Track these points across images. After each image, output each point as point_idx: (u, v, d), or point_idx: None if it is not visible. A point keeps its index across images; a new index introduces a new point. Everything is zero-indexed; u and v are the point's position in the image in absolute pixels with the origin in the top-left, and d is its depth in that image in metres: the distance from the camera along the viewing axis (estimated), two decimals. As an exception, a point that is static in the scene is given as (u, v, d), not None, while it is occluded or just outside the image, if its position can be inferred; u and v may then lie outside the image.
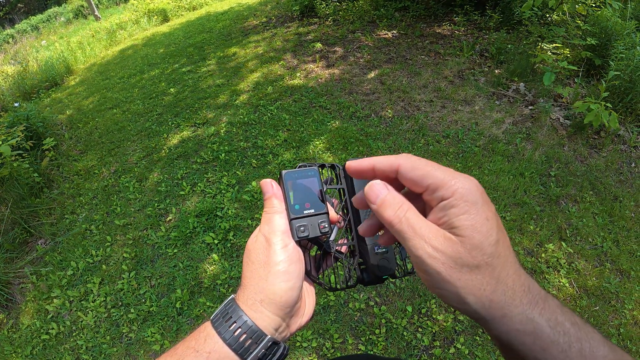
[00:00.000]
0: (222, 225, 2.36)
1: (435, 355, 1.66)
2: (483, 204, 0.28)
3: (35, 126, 3.50)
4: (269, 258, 0.37)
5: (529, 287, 0.28)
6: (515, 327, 0.27)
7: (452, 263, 0.27)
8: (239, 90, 3.98)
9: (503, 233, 0.28)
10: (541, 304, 0.27)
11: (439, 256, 0.27)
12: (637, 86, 2.74)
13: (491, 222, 0.27)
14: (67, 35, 10.67)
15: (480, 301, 0.27)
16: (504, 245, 0.28)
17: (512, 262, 0.28)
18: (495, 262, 0.27)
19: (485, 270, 0.27)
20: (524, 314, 0.27)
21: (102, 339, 1.93)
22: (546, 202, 2.35)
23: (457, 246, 0.27)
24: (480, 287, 0.27)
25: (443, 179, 0.28)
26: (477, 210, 0.27)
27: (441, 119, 3.11)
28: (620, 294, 1.88)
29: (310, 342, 1.75)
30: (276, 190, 0.40)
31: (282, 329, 0.38)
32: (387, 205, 0.31)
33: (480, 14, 4.58)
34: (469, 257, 0.27)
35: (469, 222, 0.27)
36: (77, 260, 2.37)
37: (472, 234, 0.27)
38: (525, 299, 0.27)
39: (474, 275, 0.27)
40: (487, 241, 0.27)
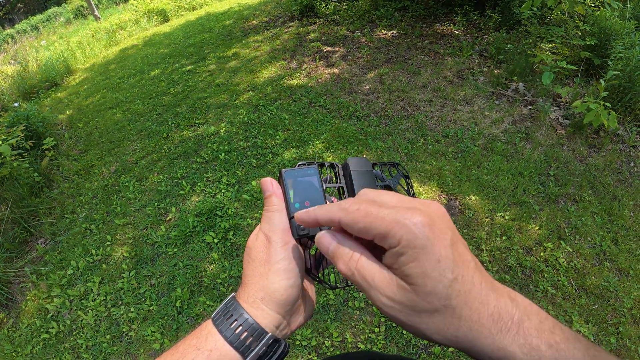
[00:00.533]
0: (222, 224, 2.37)
1: (434, 353, 1.67)
2: (434, 244, 0.26)
3: (35, 126, 3.50)
4: (269, 256, 0.37)
5: (499, 314, 0.27)
6: (487, 355, 0.27)
7: (409, 310, 0.27)
8: (238, 90, 3.98)
9: (463, 264, 0.27)
10: (514, 329, 0.26)
11: (395, 305, 0.27)
12: (636, 86, 2.75)
13: (444, 262, 0.26)
14: (66, 35, 10.68)
15: (446, 338, 0.27)
16: (464, 280, 0.27)
17: (477, 294, 0.27)
18: (454, 303, 0.26)
19: (445, 312, 0.26)
20: (494, 344, 0.26)
21: (102, 338, 1.94)
22: (545, 201, 2.36)
23: (411, 295, 0.27)
24: (443, 327, 0.27)
25: (386, 228, 0.27)
26: (426, 255, 0.26)
27: (440, 118, 3.11)
28: (619, 292, 1.89)
29: (309, 340, 1.75)
30: (276, 189, 0.40)
31: (283, 326, 0.38)
32: (337, 258, 0.30)
33: (479, 14, 4.58)
34: (425, 303, 0.26)
35: (418, 270, 0.26)
36: (77, 260, 2.38)
37: (423, 281, 0.26)
38: (495, 329, 0.26)
39: (433, 318, 0.27)
40: (441, 284, 0.26)
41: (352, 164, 0.43)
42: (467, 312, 0.26)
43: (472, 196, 2.40)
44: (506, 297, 0.28)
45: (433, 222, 0.27)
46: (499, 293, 0.28)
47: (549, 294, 1.89)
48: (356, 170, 0.43)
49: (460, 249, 0.28)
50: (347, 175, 0.43)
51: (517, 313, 0.27)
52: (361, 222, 0.29)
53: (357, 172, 0.43)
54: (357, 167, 0.43)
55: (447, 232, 0.27)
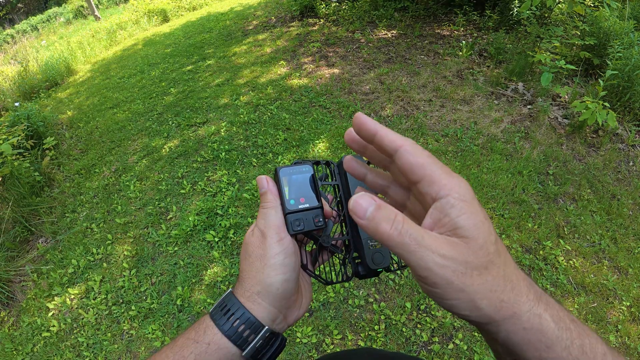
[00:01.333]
0: (222, 223, 2.38)
1: (434, 351, 1.67)
2: (478, 204, 0.27)
3: (36, 125, 3.51)
4: (265, 251, 0.37)
5: (530, 282, 0.27)
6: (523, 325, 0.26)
7: (462, 269, 0.25)
8: (239, 90, 3.99)
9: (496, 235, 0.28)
10: (544, 299, 0.27)
11: (450, 264, 0.25)
12: (635, 85, 2.76)
13: (488, 222, 0.27)
14: (67, 35, 10.69)
15: (492, 304, 0.26)
16: (502, 244, 0.28)
17: (511, 259, 0.28)
18: (499, 260, 0.26)
19: (492, 269, 0.26)
20: (531, 310, 0.26)
21: (103, 336, 1.94)
22: (544, 200, 2.37)
23: (464, 249, 0.26)
24: (491, 289, 0.26)
25: (440, 174, 0.27)
26: (475, 210, 0.26)
27: (440, 118, 3.12)
28: (618, 290, 1.90)
29: (310, 338, 1.76)
30: (271, 186, 0.41)
31: (279, 320, 0.39)
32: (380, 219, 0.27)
33: (479, 14, 4.60)
34: (477, 258, 0.26)
35: (472, 222, 0.26)
36: (78, 259, 2.38)
37: (475, 234, 0.26)
38: (532, 295, 0.27)
39: (484, 277, 0.26)
40: (489, 240, 0.26)
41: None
42: (509, 272, 0.26)
43: (472, 195, 2.40)
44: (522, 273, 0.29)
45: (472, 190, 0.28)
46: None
47: (548, 292, 1.89)
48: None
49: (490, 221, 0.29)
50: (342, 174, 0.44)
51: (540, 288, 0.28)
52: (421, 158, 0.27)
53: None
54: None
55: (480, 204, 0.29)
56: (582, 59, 3.29)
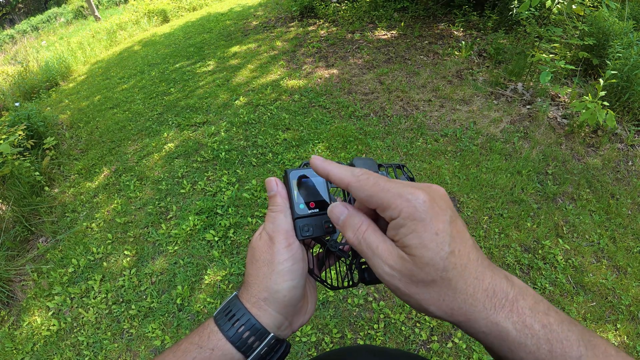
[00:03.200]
0: (222, 222, 2.38)
1: (433, 349, 1.68)
2: (432, 218, 0.27)
3: (36, 125, 3.51)
4: (273, 257, 0.37)
5: (494, 291, 0.28)
6: (481, 329, 0.28)
7: (407, 280, 0.28)
8: (239, 90, 4.00)
9: (462, 241, 0.28)
10: (508, 307, 0.27)
11: (395, 274, 0.29)
12: (634, 85, 2.76)
13: (441, 236, 0.27)
14: (67, 35, 10.70)
15: (441, 309, 0.28)
16: (461, 254, 0.28)
17: (473, 269, 0.28)
18: (450, 275, 0.27)
19: (441, 283, 0.27)
20: (487, 318, 0.27)
21: (103, 335, 1.95)
22: (543, 199, 2.37)
23: (410, 264, 0.28)
24: (439, 299, 0.28)
25: (389, 199, 0.28)
26: (424, 227, 0.27)
27: (440, 118, 3.13)
28: (617, 290, 1.90)
29: (309, 337, 1.77)
30: (280, 189, 0.40)
31: (285, 326, 0.38)
32: (347, 227, 0.32)
33: (478, 15, 4.61)
34: (423, 274, 0.27)
35: (417, 241, 0.27)
36: (78, 258, 2.39)
37: (421, 252, 0.27)
38: (489, 304, 0.27)
39: (430, 290, 0.28)
40: (438, 256, 0.27)
41: (358, 165, 0.42)
42: (462, 285, 0.27)
43: (471, 194, 2.41)
44: (502, 277, 0.29)
45: (433, 200, 0.28)
46: (495, 272, 0.29)
47: (547, 291, 1.90)
48: None
49: (459, 226, 0.29)
50: None
51: (512, 292, 0.28)
52: (368, 190, 0.30)
53: None
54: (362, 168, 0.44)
55: (446, 210, 0.28)
56: (581, 59, 3.30)
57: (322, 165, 0.34)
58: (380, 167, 0.47)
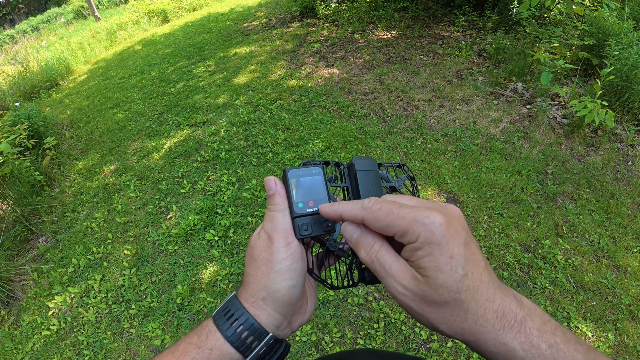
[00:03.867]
0: (222, 222, 2.38)
1: (432, 349, 1.68)
2: (449, 241, 0.28)
3: (37, 125, 3.51)
4: (271, 256, 0.37)
5: (504, 312, 0.29)
6: (489, 349, 0.29)
7: (420, 300, 0.29)
8: (239, 90, 4.00)
9: (474, 263, 0.29)
10: (516, 327, 0.28)
11: (408, 293, 0.30)
12: (633, 85, 2.76)
13: (456, 259, 0.28)
14: (67, 35, 10.71)
15: (452, 329, 0.29)
16: (474, 277, 0.29)
17: (484, 291, 0.29)
18: (462, 297, 0.28)
19: (454, 304, 0.28)
20: (496, 339, 0.28)
21: (103, 335, 1.95)
22: (543, 199, 2.37)
23: (423, 285, 0.29)
24: (450, 319, 0.29)
25: (405, 226, 0.29)
26: (440, 251, 0.28)
27: (439, 118, 3.13)
28: (617, 289, 1.90)
29: (309, 336, 1.77)
30: (279, 188, 0.40)
31: (284, 326, 0.38)
32: (359, 246, 0.33)
33: (478, 15, 4.61)
34: (436, 295, 0.29)
35: (432, 264, 0.28)
36: (78, 258, 2.39)
37: (435, 274, 0.28)
38: (498, 325, 0.28)
39: (442, 310, 0.29)
40: (452, 279, 0.28)
41: (358, 164, 0.43)
42: (473, 306, 0.28)
43: (471, 194, 2.41)
44: (512, 298, 0.30)
45: (449, 222, 0.29)
46: (505, 293, 0.30)
47: (546, 290, 1.90)
48: (362, 170, 0.42)
49: (473, 249, 0.30)
50: (352, 175, 0.43)
51: (521, 313, 0.29)
52: (383, 220, 0.31)
53: (363, 172, 0.42)
54: (362, 167, 0.43)
55: (461, 232, 0.29)
56: (581, 59, 3.30)
57: (333, 209, 0.35)
58: (380, 166, 0.47)
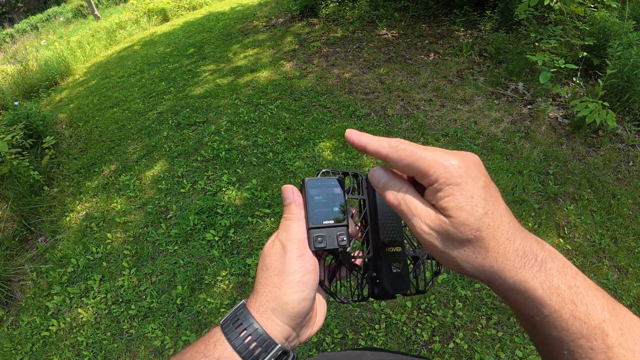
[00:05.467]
0: (222, 222, 2.37)
1: (434, 350, 1.67)
2: (468, 182, 0.29)
3: (35, 124, 3.50)
4: (284, 266, 0.36)
5: (524, 251, 0.29)
6: (509, 287, 0.30)
7: (444, 239, 0.30)
8: (239, 90, 3.99)
9: (495, 203, 0.30)
10: (536, 266, 0.29)
11: (433, 233, 0.31)
12: (634, 85, 2.76)
13: (476, 199, 0.29)
14: (66, 34, 10.68)
15: (474, 267, 0.30)
16: (494, 216, 0.30)
17: (505, 230, 0.30)
18: (484, 234, 0.29)
19: (475, 242, 0.29)
20: (516, 276, 0.29)
21: (103, 335, 1.94)
22: (544, 199, 2.37)
23: (446, 225, 0.30)
24: (472, 256, 0.30)
25: (427, 166, 0.30)
26: (460, 191, 0.29)
27: (440, 117, 3.12)
28: (619, 290, 1.90)
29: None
30: (296, 197, 0.39)
31: (292, 338, 0.38)
32: (387, 189, 0.34)
33: (479, 15, 4.60)
34: (458, 233, 0.29)
35: (453, 203, 0.29)
36: (78, 258, 2.38)
37: (457, 213, 0.29)
38: (519, 263, 0.29)
39: (465, 248, 0.30)
40: (473, 217, 0.29)
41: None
42: (494, 244, 0.29)
43: (472, 194, 2.40)
44: (533, 239, 0.31)
45: (468, 166, 0.30)
46: (526, 235, 0.31)
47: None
48: None
49: (492, 191, 0.31)
50: (370, 188, 0.42)
51: (542, 253, 0.30)
52: (406, 159, 0.32)
53: None
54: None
55: (480, 176, 0.31)
56: (582, 58, 3.29)
57: (358, 139, 0.35)
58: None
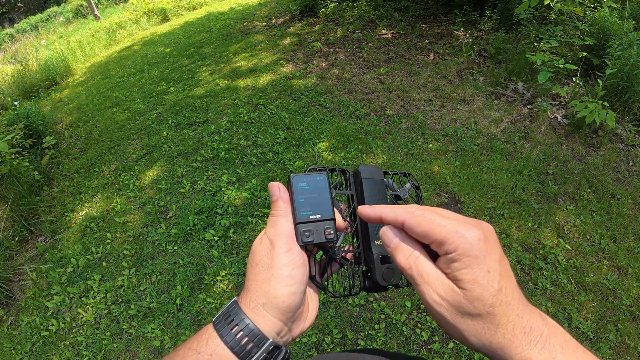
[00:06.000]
0: (222, 222, 2.37)
1: (434, 350, 1.67)
2: (486, 256, 0.29)
3: (35, 124, 3.50)
4: (272, 261, 0.37)
5: (531, 328, 0.30)
6: None
7: (454, 310, 0.30)
8: (238, 89, 3.99)
9: (508, 279, 0.30)
10: (541, 343, 0.29)
11: (444, 303, 0.30)
12: (634, 85, 2.76)
13: (492, 274, 0.29)
14: (66, 34, 10.68)
15: (480, 342, 0.30)
16: (507, 292, 0.30)
17: (515, 306, 0.30)
18: (496, 311, 0.29)
19: (487, 318, 0.29)
20: (522, 353, 0.29)
21: (102, 335, 1.94)
22: (544, 199, 2.37)
23: (460, 297, 0.30)
24: (481, 332, 0.30)
25: (446, 235, 0.30)
26: (478, 264, 0.29)
27: (440, 117, 3.12)
28: (618, 290, 1.90)
29: (309, 337, 1.76)
30: (283, 194, 0.40)
31: (284, 333, 0.38)
32: (399, 251, 0.33)
33: (479, 15, 4.60)
34: (471, 307, 0.29)
35: (470, 277, 0.29)
36: (77, 258, 2.38)
37: (473, 287, 0.29)
38: (525, 340, 0.29)
39: (475, 322, 0.30)
40: (488, 292, 0.29)
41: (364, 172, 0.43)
42: (504, 321, 0.29)
43: (472, 194, 2.40)
44: (538, 315, 0.31)
45: (487, 238, 0.30)
46: (532, 310, 0.31)
47: (548, 291, 1.89)
48: (367, 179, 0.42)
49: (506, 265, 0.31)
50: (357, 183, 0.43)
51: (546, 330, 0.30)
52: (424, 226, 0.31)
53: (368, 180, 0.42)
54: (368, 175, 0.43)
55: (497, 249, 0.31)
56: (581, 59, 3.29)
57: (373, 211, 0.35)
58: (385, 174, 0.47)
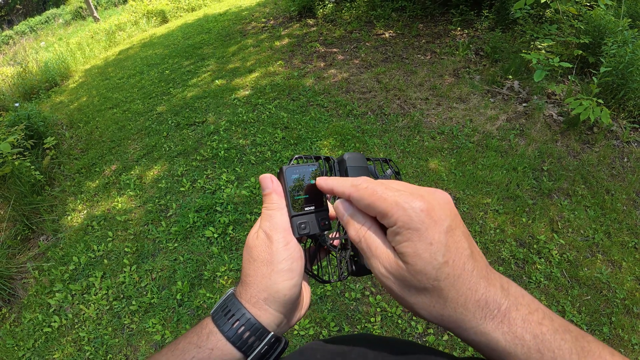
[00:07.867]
0: (221, 219, 2.40)
1: (429, 342, 1.70)
2: (428, 228, 0.28)
3: (36, 125, 3.53)
4: (272, 256, 0.36)
5: (486, 302, 0.28)
6: (471, 338, 0.29)
7: (401, 284, 0.30)
8: (237, 90, 4.02)
9: (457, 250, 0.28)
10: (499, 317, 0.28)
11: (390, 277, 0.30)
12: (629, 82, 2.79)
13: (436, 246, 0.28)
14: (66, 36, 10.72)
15: (431, 315, 0.30)
16: (455, 265, 0.28)
17: (466, 280, 0.28)
18: (442, 284, 0.28)
19: (432, 291, 0.28)
20: (477, 327, 0.28)
21: (104, 331, 1.97)
22: (539, 195, 2.40)
23: (403, 271, 0.29)
24: (429, 305, 0.29)
25: (386, 207, 0.29)
26: (419, 237, 0.28)
27: (436, 116, 3.16)
28: (612, 283, 1.93)
29: (307, 330, 1.79)
30: (276, 186, 0.39)
31: (284, 324, 0.39)
32: (350, 225, 0.34)
33: (475, 14, 4.64)
34: (415, 281, 0.29)
35: (411, 250, 0.28)
36: (79, 255, 2.41)
37: (414, 260, 0.28)
38: (479, 315, 0.28)
39: (422, 296, 0.29)
40: (430, 266, 0.28)
41: (349, 160, 0.43)
42: (453, 294, 0.28)
43: (467, 191, 2.44)
44: (497, 287, 0.29)
45: (432, 209, 0.28)
46: (490, 282, 0.29)
47: (542, 285, 1.93)
48: (352, 166, 0.43)
49: (457, 236, 0.29)
50: (342, 170, 0.44)
51: (506, 303, 0.28)
52: (367, 199, 0.31)
53: (353, 168, 0.43)
54: (353, 163, 0.43)
55: (445, 219, 0.29)
56: (577, 57, 3.32)
57: (326, 183, 0.36)
58: (368, 160, 0.49)
